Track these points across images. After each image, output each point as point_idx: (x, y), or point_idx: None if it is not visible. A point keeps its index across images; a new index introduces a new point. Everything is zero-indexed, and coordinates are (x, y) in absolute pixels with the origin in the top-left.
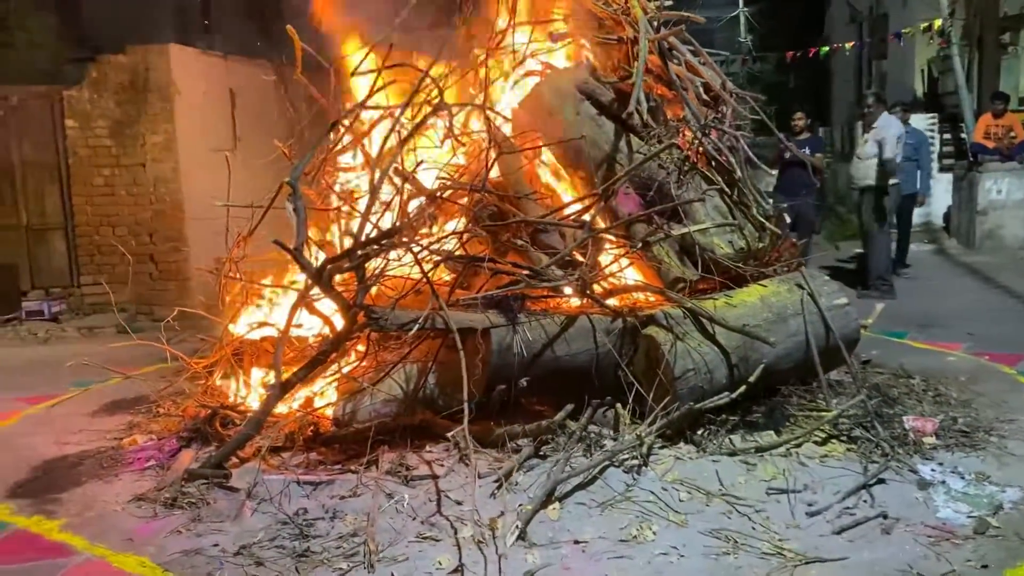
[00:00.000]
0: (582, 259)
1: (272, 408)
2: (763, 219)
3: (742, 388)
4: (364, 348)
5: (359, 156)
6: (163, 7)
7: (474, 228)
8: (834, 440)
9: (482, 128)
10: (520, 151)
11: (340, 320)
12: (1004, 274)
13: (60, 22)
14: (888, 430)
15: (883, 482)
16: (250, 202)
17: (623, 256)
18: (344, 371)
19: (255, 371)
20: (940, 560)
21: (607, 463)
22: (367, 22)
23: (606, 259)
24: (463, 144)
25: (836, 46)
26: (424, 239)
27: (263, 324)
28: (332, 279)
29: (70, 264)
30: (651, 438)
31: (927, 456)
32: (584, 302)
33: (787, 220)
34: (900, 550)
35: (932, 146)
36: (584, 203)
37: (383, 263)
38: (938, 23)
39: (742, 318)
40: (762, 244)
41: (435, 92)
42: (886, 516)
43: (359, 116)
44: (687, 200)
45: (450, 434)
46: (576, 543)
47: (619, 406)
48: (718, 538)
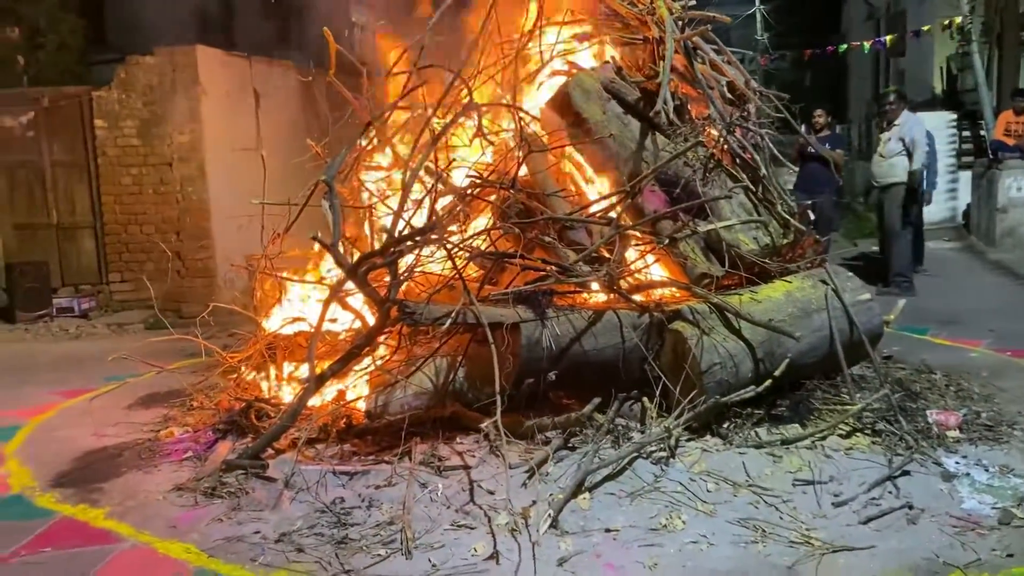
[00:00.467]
0: (609, 255)
1: (307, 401)
2: (788, 216)
3: (768, 382)
4: (396, 342)
5: (389, 155)
6: (188, 9)
7: (505, 224)
8: (858, 433)
9: (510, 127)
10: (548, 150)
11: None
12: None
13: (88, 25)
14: (912, 424)
15: (908, 474)
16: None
17: (649, 252)
18: (376, 365)
19: (287, 365)
20: (966, 549)
21: (636, 455)
22: (399, 24)
23: (632, 255)
24: (492, 143)
25: (855, 44)
26: (453, 236)
27: (296, 319)
28: (366, 275)
29: (99, 262)
30: (679, 430)
31: (951, 449)
32: (610, 297)
33: (811, 217)
34: (926, 539)
35: (952, 143)
36: (611, 200)
37: (415, 259)
38: (958, 20)
39: (767, 313)
40: (786, 240)
41: (464, 92)
42: (911, 507)
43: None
44: (713, 197)
45: (483, 425)
46: (607, 531)
47: (645, 399)
48: (746, 527)
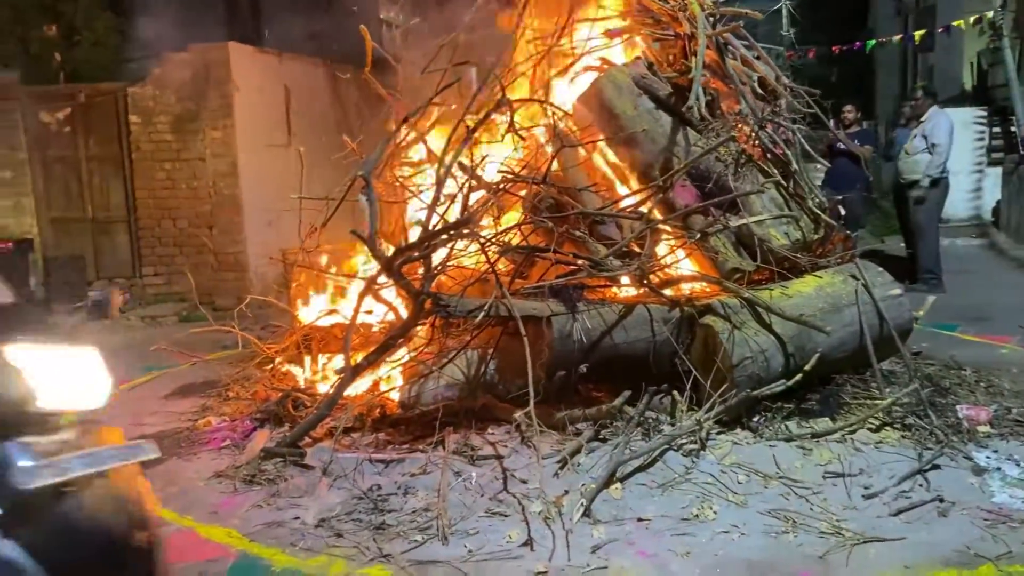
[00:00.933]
0: (639, 250)
1: (344, 390)
2: (818, 211)
3: (798, 376)
4: (429, 334)
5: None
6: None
7: (538, 219)
8: (888, 427)
9: (542, 123)
10: (580, 145)
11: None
12: None
13: (123, 22)
14: (942, 419)
15: (938, 468)
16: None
17: (680, 247)
18: (411, 356)
19: (321, 357)
20: (997, 542)
21: (667, 446)
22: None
23: (663, 250)
24: (524, 139)
25: (883, 39)
26: (485, 230)
27: (331, 311)
28: (402, 268)
29: (132, 255)
30: (709, 423)
31: (981, 444)
32: (641, 292)
33: (841, 212)
34: (957, 532)
35: (980, 139)
36: (642, 195)
37: (448, 253)
38: (988, 15)
39: (798, 308)
40: (817, 235)
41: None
42: (942, 499)
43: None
44: (745, 192)
45: (517, 415)
46: (639, 520)
47: (675, 393)
48: (777, 518)
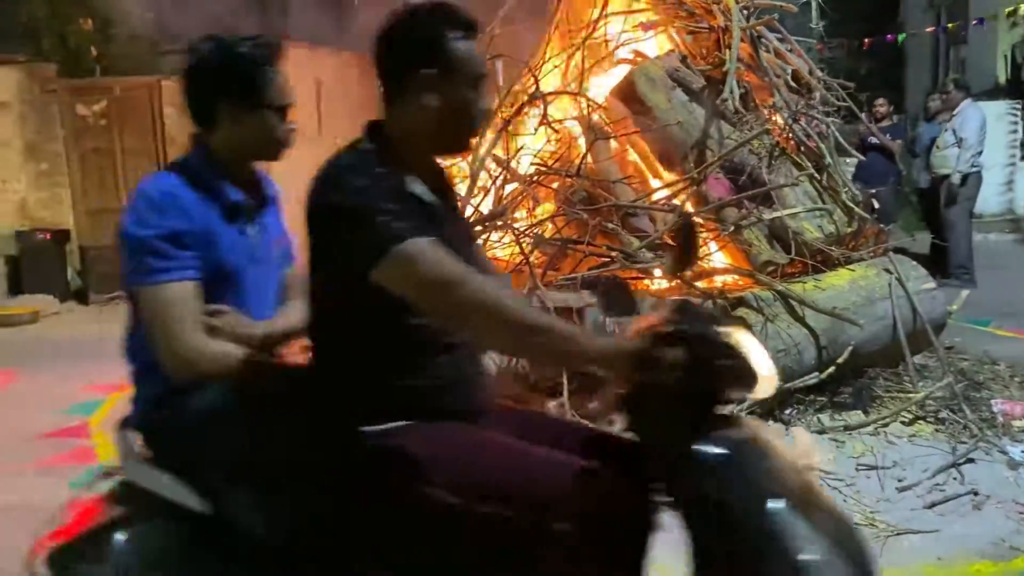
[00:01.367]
0: (672, 242)
1: None
2: (852, 204)
3: (831, 369)
4: None
5: None
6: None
7: (573, 210)
8: (921, 421)
9: (576, 116)
10: (614, 137)
11: None
12: None
13: (157, 15)
14: (976, 413)
15: (972, 461)
16: None
17: (713, 239)
18: None
19: None
20: None
21: None
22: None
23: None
24: (557, 132)
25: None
26: (518, 222)
27: None
28: None
29: None
30: (742, 415)
31: (1016, 439)
32: (672, 284)
33: (875, 206)
34: (992, 524)
35: (1013, 133)
36: (675, 188)
37: (483, 244)
38: (1022, 8)
39: (831, 301)
40: (850, 229)
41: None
42: (976, 493)
43: None
44: (779, 185)
45: (553, 404)
46: None
47: None
48: None
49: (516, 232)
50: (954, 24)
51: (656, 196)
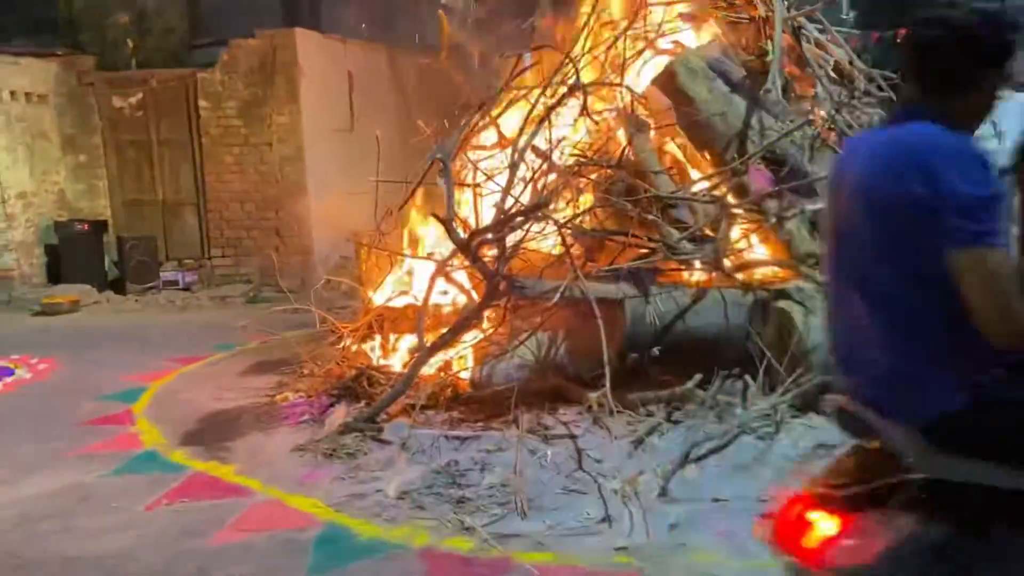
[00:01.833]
0: (712, 234)
1: (421, 368)
2: None
3: None
4: (501, 316)
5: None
6: None
7: (618, 201)
8: None
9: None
10: (656, 129)
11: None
12: None
13: (192, 9)
14: None
15: None
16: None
17: (755, 231)
18: (483, 337)
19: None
20: None
21: (741, 429)
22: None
23: (735, 234)
24: (597, 122)
25: None
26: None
27: (403, 292)
28: (478, 250)
29: (201, 237)
30: (784, 407)
31: None
32: (712, 275)
33: None
34: None
35: None
36: (716, 179)
37: (522, 235)
38: None
39: None
40: None
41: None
42: None
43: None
44: (821, 176)
45: (594, 396)
46: (716, 501)
47: (747, 377)
48: None
49: (558, 223)
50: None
51: (697, 187)
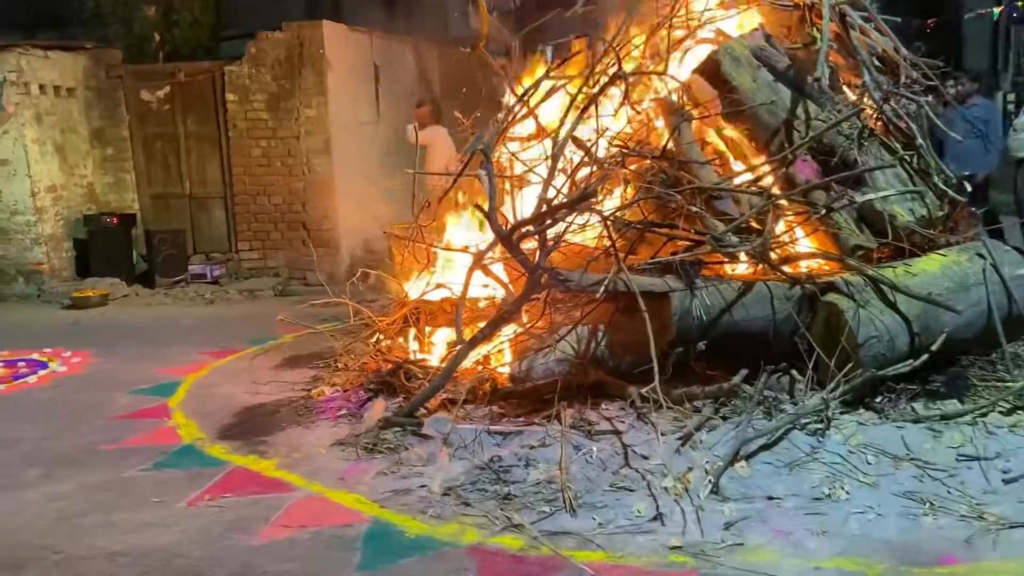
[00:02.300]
0: (757, 226)
1: (460, 362)
2: (945, 187)
3: (924, 356)
4: (540, 309)
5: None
6: None
7: (665, 192)
8: (1021, 411)
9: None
10: (700, 119)
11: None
12: None
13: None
14: None
15: None
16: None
17: (803, 223)
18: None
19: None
20: None
21: (791, 425)
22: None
23: (781, 226)
24: (639, 112)
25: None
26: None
27: (440, 286)
28: (519, 242)
29: (228, 231)
30: (835, 402)
31: None
32: (757, 268)
33: (967, 188)
34: None
35: None
36: (762, 170)
37: (564, 228)
38: None
39: (922, 287)
40: (942, 212)
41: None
42: None
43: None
44: (870, 168)
45: (643, 390)
46: (769, 499)
47: (794, 371)
48: (913, 500)
49: (603, 215)
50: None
51: (741, 178)
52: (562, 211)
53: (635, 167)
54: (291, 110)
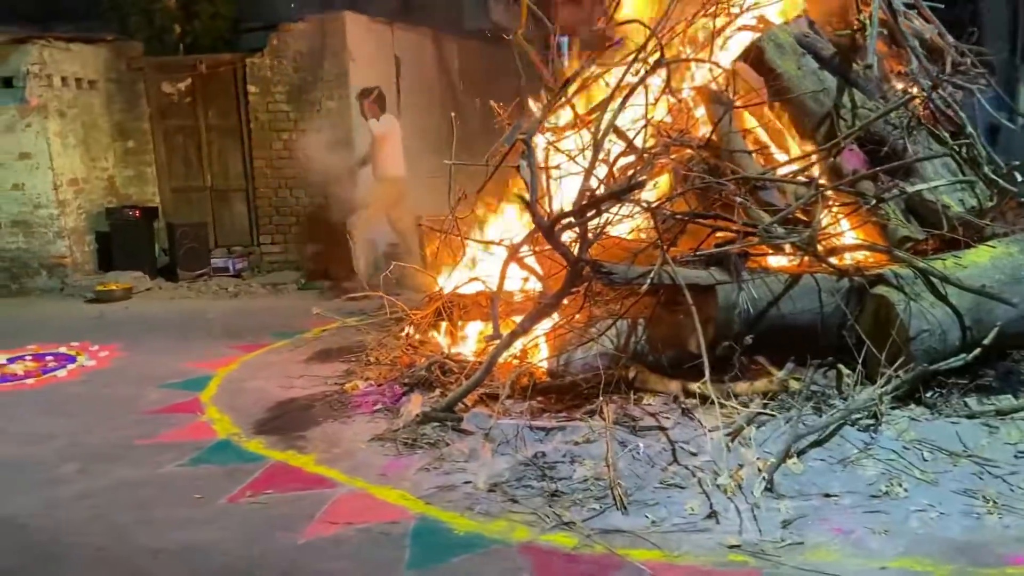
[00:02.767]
0: (803, 217)
1: (500, 356)
2: (996, 177)
3: (977, 350)
4: (579, 303)
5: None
6: None
7: (715, 182)
8: None
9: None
10: (745, 107)
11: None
12: None
13: None
14: None
15: None
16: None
17: (851, 214)
18: (559, 324)
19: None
20: None
21: (843, 421)
22: None
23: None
24: (680, 101)
25: None
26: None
27: (473, 279)
28: (561, 234)
29: (250, 224)
30: (886, 398)
31: None
32: (802, 260)
33: (1019, 178)
34: None
35: None
36: (809, 160)
37: (606, 219)
38: None
39: (972, 279)
40: (993, 203)
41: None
42: None
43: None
44: (921, 157)
45: (696, 385)
46: (826, 496)
47: (841, 366)
48: (974, 498)
49: (649, 205)
50: None
51: (786, 168)
52: (607, 202)
53: (675, 157)
54: (313, 102)
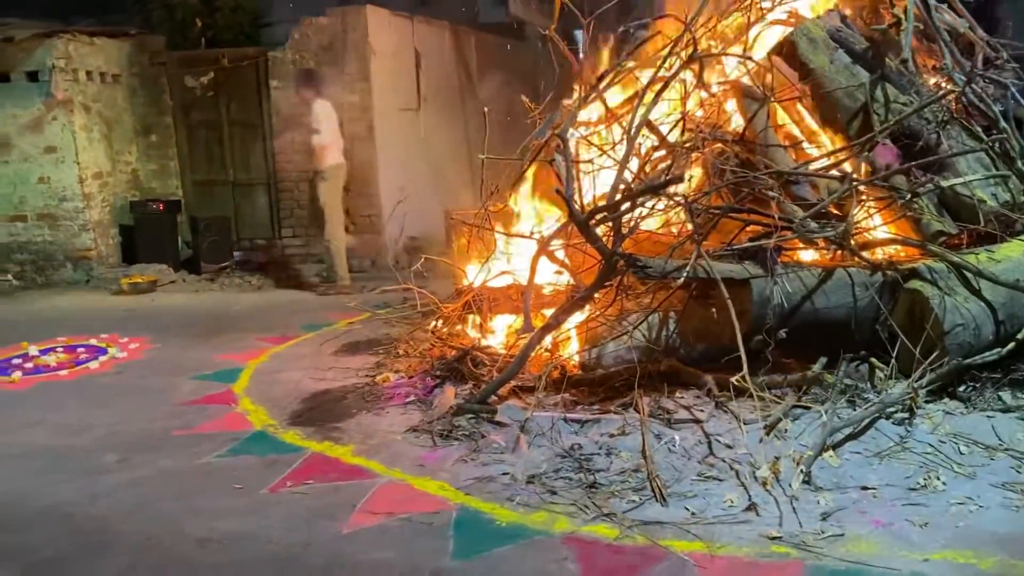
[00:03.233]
0: (836, 212)
1: (534, 349)
2: None
3: (1011, 345)
4: (611, 296)
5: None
6: None
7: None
8: None
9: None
10: (780, 101)
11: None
12: None
13: None
14: None
15: None
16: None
17: (885, 208)
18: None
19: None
20: None
21: (878, 414)
22: None
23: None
24: (713, 95)
25: None
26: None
27: (504, 272)
28: (596, 227)
29: (271, 217)
30: (922, 392)
31: None
32: (835, 255)
33: None
34: None
35: None
36: (842, 154)
37: (642, 214)
38: None
39: (1008, 273)
40: None
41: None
42: None
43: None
44: (955, 152)
45: (733, 379)
46: (864, 489)
47: (873, 360)
48: (1014, 491)
49: (685, 199)
50: None
51: (819, 163)
52: (643, 196)
53: (708, 151)
54: (334, 96)
